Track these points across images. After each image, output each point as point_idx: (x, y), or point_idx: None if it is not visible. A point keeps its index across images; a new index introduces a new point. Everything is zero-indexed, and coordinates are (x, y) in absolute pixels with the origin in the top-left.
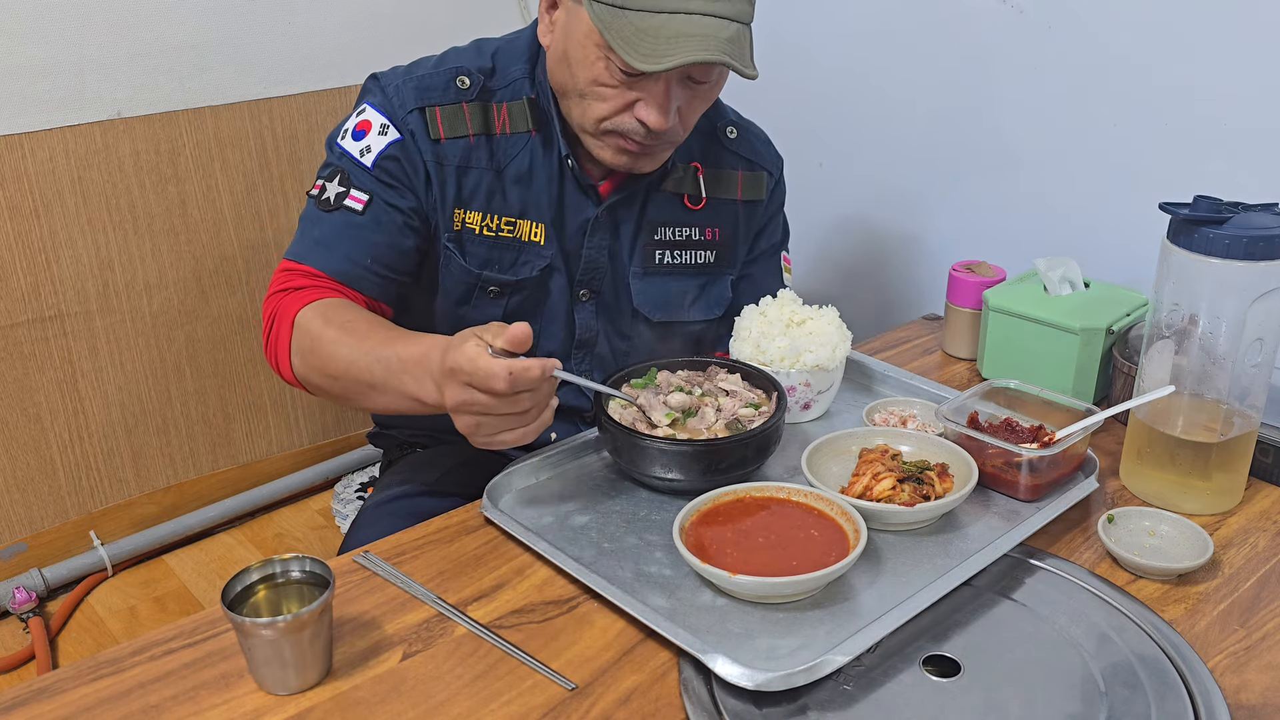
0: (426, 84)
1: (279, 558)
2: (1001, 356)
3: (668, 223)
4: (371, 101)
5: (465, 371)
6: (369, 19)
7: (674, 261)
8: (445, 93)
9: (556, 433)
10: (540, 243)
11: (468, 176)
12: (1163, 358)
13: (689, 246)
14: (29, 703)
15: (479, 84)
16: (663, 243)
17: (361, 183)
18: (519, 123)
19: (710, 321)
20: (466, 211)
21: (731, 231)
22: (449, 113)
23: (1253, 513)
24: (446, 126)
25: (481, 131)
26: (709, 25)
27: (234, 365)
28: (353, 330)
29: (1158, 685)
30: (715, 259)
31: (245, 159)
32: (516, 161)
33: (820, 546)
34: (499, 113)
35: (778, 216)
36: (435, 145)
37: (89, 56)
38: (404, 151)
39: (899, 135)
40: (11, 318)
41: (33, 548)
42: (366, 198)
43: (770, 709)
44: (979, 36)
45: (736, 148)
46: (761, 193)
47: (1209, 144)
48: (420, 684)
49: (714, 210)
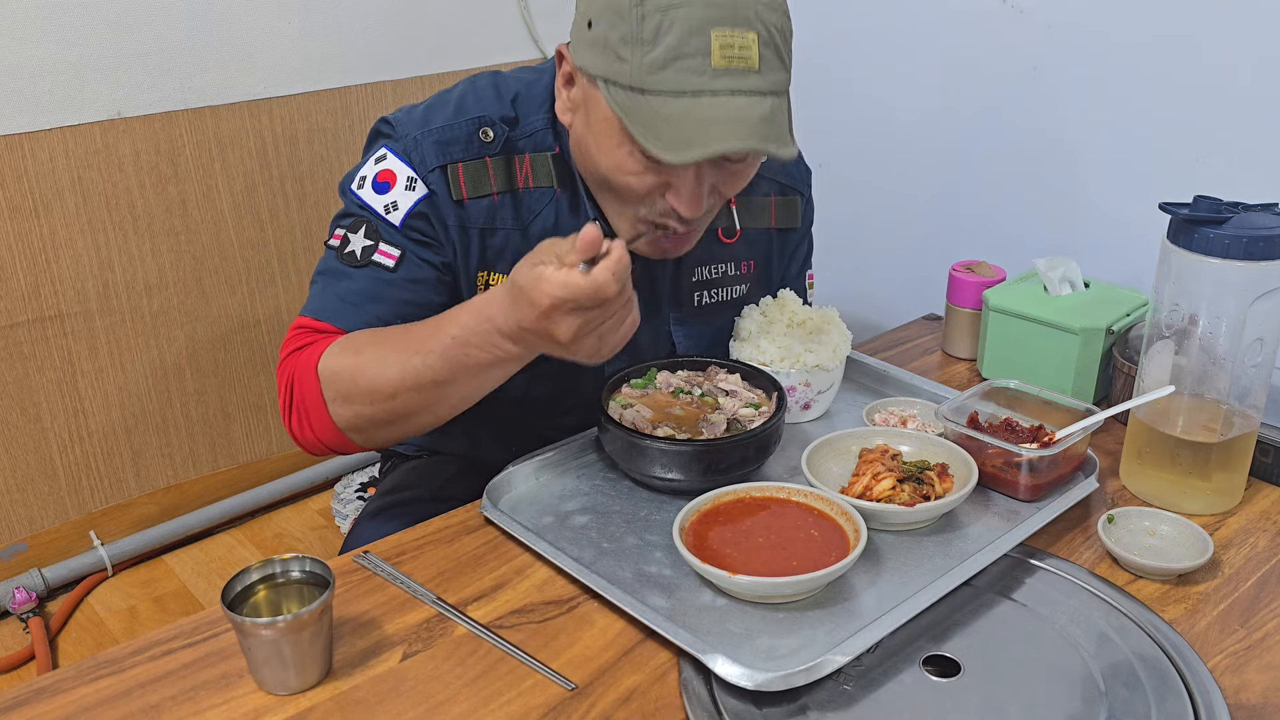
0: (448, 138)
1: (279, 558)
2: (1001, 356)
3: (703, 261)
4: (392, 148)
5: (569, 299)
6: (369, 19)
7: (712, 300)
8: (468, 148)
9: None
10: None
11: (494, 238)
12: (1163, 358)
13: (726, 283)
14: (29, 703)
15: (503, 136)
16: (700, 283)
17: (391, 238)
18: (542, 178)
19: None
20: (491, 274)
21: (766, 262)
22: (471, 170)
23: (1253, 513)
24: (470, 185)
25: (505, 189)
26: (740, 106)
27: (234, 365)
28: (387, 344)
29: (1158, 685)
30: (749, 290)
31: (245, 159)
32: (541, 218)
33: (820, 546)
34: (521, 165)
35: (808, 238)
36: (458, 207)
37: (89, 56)
38: (432, 208)
39: (899, 135)
40: (11, 318)
41: (33, 548)
42: (399, 253)
43: (770, 709)
44: (979, 36)
45: (768, 171)
46: (795, 220)
47: (1209, 144)
48: (420, 684)
49: (748, 242)
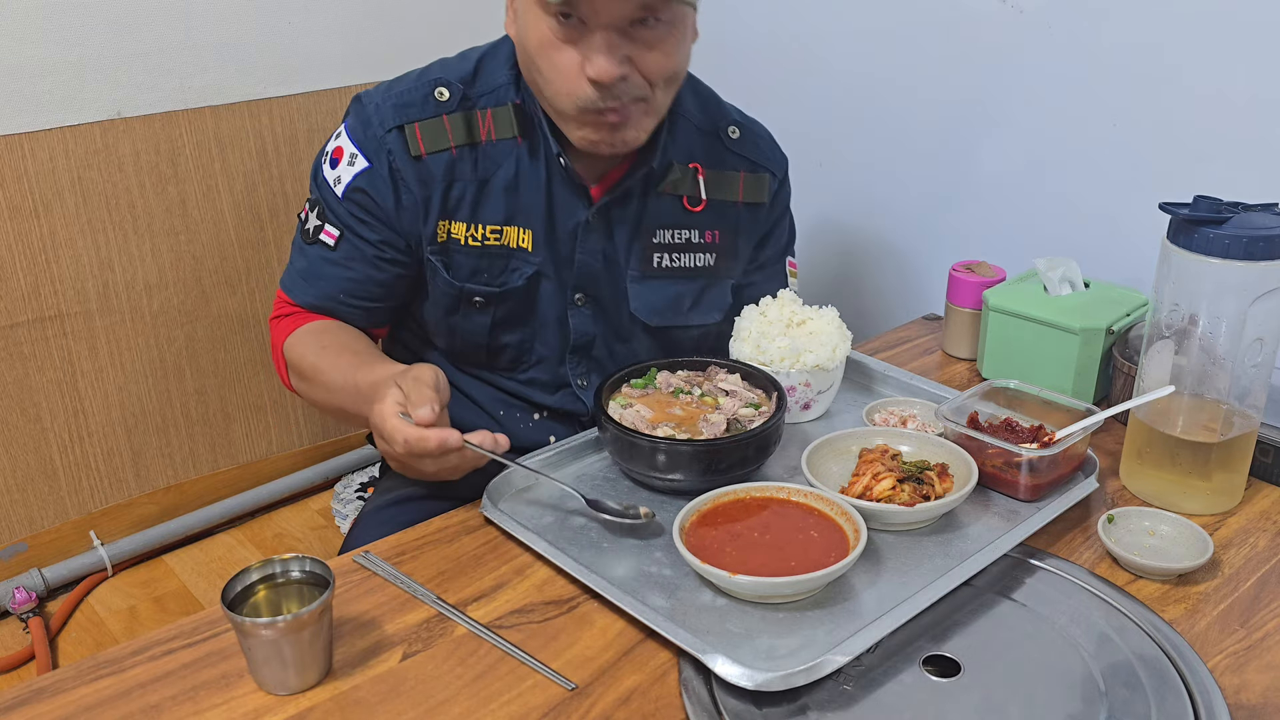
0: (405, 100)
1: (279, 558)
2: (1001, 356)
3: (666, 225)
4: (348, 125)
5: (375, 425)
6: (369, 19)
7: (673, 265)
8: (424, 107)
9: (555, 434)
10: (528, 249)
11: (452, 190)
12: (1163, 358)
13: (688, 250)
14: (29, 703)
15: (459, 94)
16: (661, 246)
17: (335, 216)
18: (504, 129)
19: (710, 328)
20: (451, 223)
21: (732, 235)
22: (428, 127)
23: (1253, 513)
24: (427, 142)
25: (465, 142)
26: None
27: (234, 365)
28: (325, 359)
29: (1158, 685)
30: (715, 262)
31: (245, 159)
32: (503, 170)
33: (820, 546)
34: (483, 120)
35: (783, 220)
36: (416, 163)
37: (89, 56)
38: (370, 181)
39: (899, 135)
40: (11, 318)
41: (33, 548)
42: (338, 234)
43: (770, 709)
44: (979, 36)
45: (738, 148)
46: (763, 195)
47: (1209, 144)
48: (420, 684)
49: (714, 213)
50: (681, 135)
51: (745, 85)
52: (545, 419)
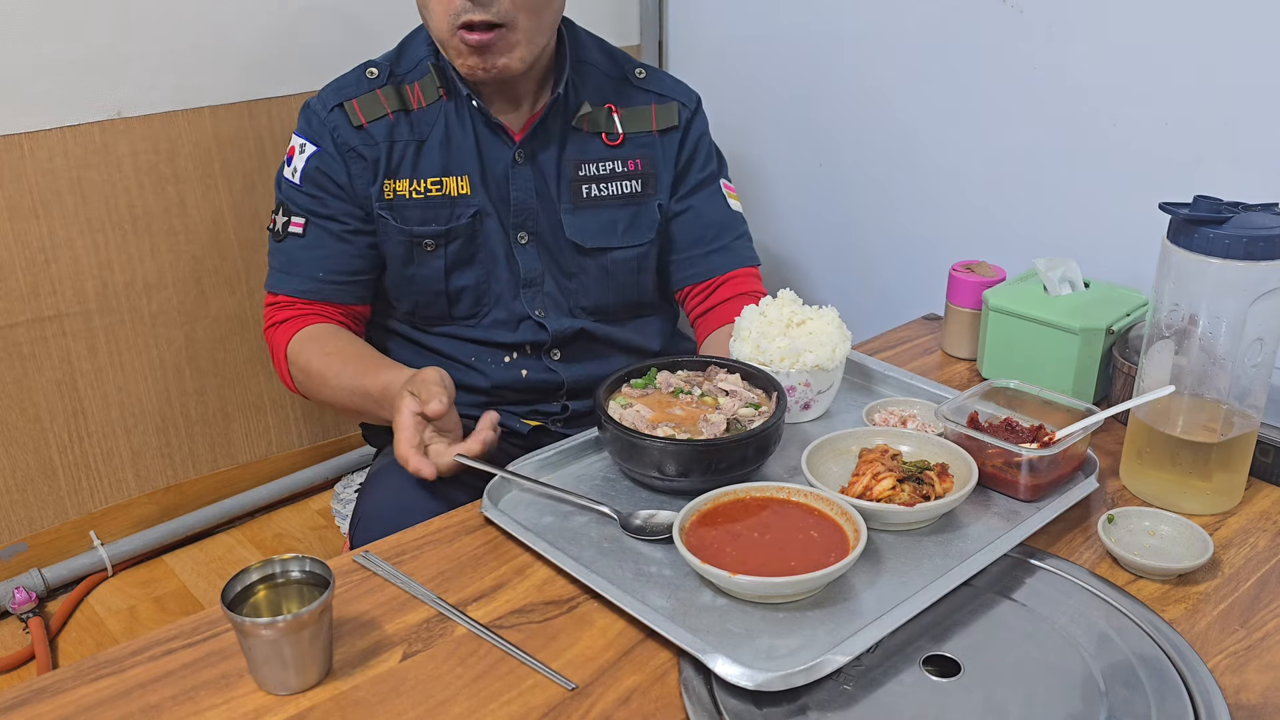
0: (341, 83)
1: (279, 558)
2: (1001, 356)
3: (589, 159)
4: (297, 129)
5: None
6: (369, 19)
7: (601, 194)
8: (359, 85)
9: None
10: (468, 193)
11: (394, 150)
12: (1163, 358)
13: (614, 179)
14: (29, 703)
15: (386, 70)
16: (587, 178)
17: (298, 206)
18: (430, 93)
19: (644, 248)
20: (395, 180)
21: (652, 160)
22: (365, 100)
23: (1253, 513)
24: (365, 112)
25: (399, 109)
26: None
27: (234, 365)
28: (329, 367)
29: (1158, 685)
30: (642, 187)
31: (245, 159)
32: (435, 129)
33: (820, 546)
34: (412, 92)
35: (702, 144)
36: (359, 131)
37: (89, 56)
38: (321, 160)
39: (899, 135)
40: (10, 318)
41: (32, 548)
42: (304, 220)
43: (770, 709)
44: (979, 36)
45: (645, 84)
46: (674, 120)
47: (1209, 144)
48: (420, 684)
49: (633, 144)
50: (592, 81)
51: (746, 85)
52: (516, 359)
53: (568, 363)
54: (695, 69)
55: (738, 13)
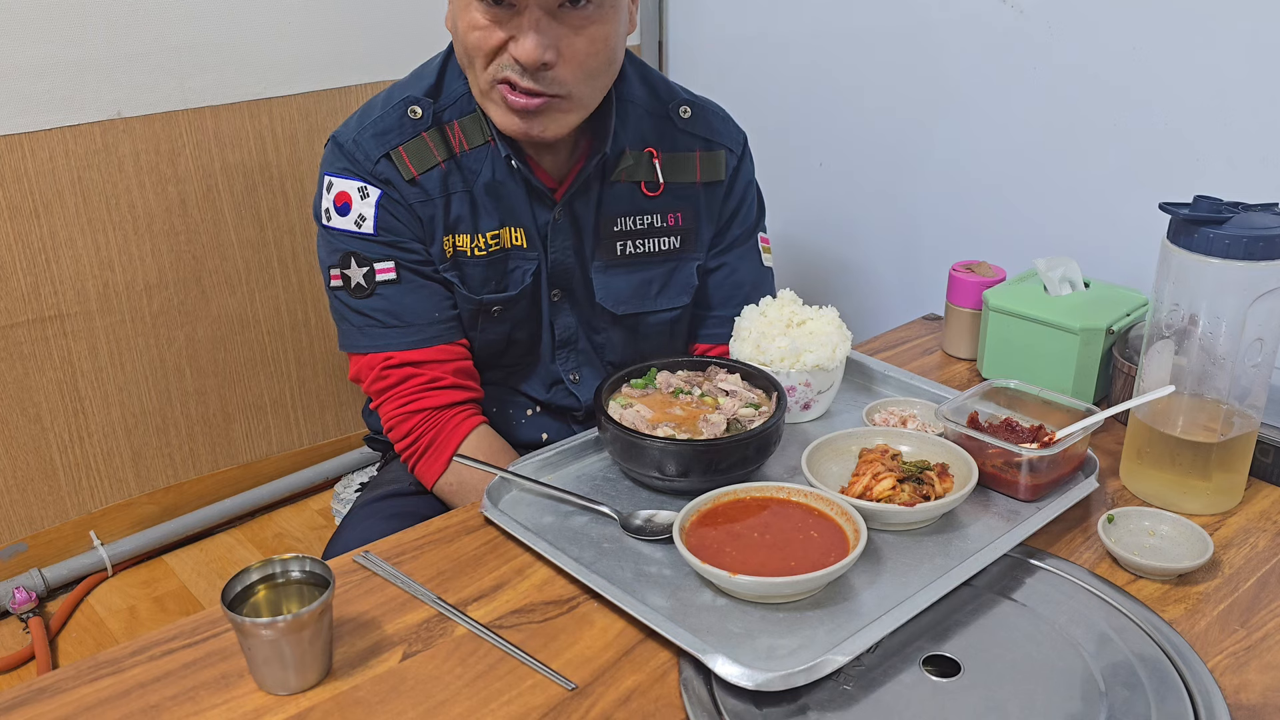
0: (382, 127)
1: (279, 558)
2: (1001, 356)
3: (626, 213)
4: (332, 171)
5: None
6: (368, 19)
7: (637, 251)
8: (403, 130)
9: (548, 431)
10: (524, 246)
11: (451, 202)
12: (1163, 358)
13: (651, 234)
14: (29, 703)
15: (429, 109)
16: (623, 233)
17: (378, 252)
18: (474, 136)
19: (678, 312)
20: (456, 236)
21: (694, 215)
22: (413, 148)
23: (1253, 513)
24: (415, 162)
25: (447, 156)
26: None
27: (234, 365)
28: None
29: (1158, 685)
30: (680, 244)
31: (245, 159)
32: (483, 175)
33: (820, 546)
34: (454, 132)
35: (747, 196)
36: (413, 186)
37: (89, 56)
38: (389, 202)
39: (899, 135)
40: (11, 318)
41: (33, 548)
42: (392, 264)
43: (770, 709)
44: (979, 36)
45: (691, 127)
46: (720, 172)
47: (1209, 144)
48: (420, 684)
49: (673, 195)
50: (633, 121)
51: (746, 85)
52: (538, 414)
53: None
54: (695, 69)
55: (738, 13)
